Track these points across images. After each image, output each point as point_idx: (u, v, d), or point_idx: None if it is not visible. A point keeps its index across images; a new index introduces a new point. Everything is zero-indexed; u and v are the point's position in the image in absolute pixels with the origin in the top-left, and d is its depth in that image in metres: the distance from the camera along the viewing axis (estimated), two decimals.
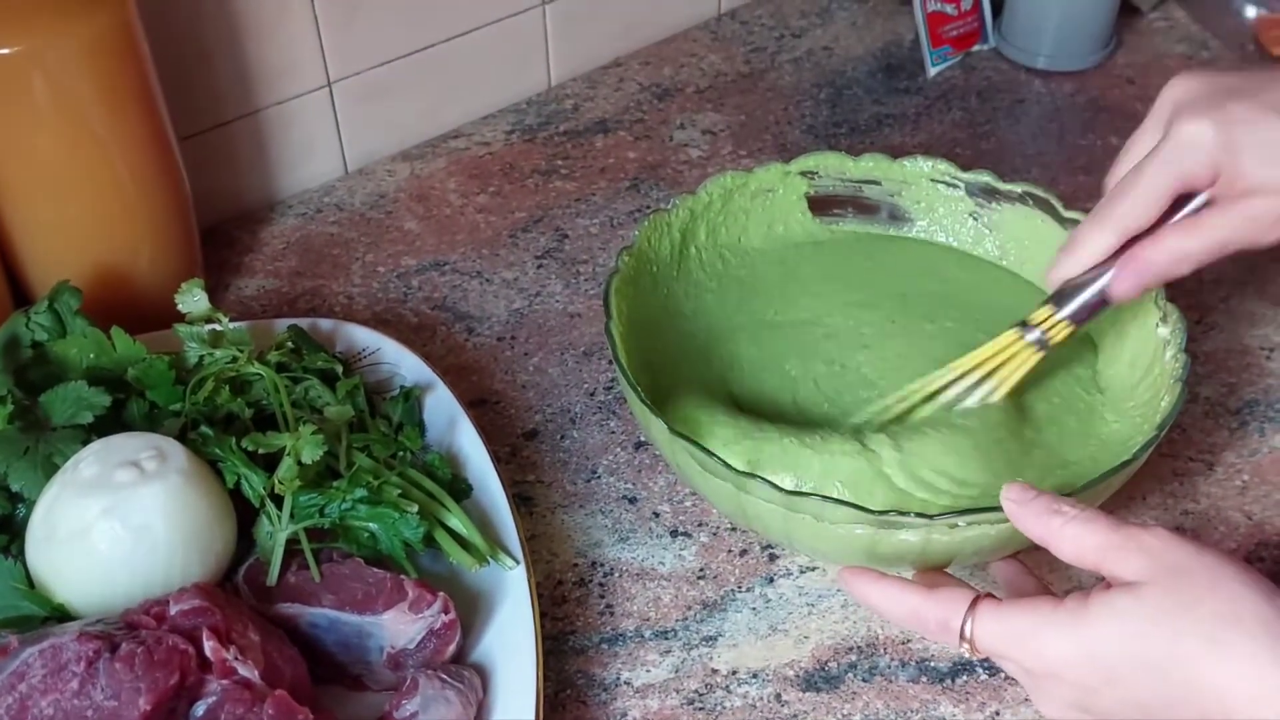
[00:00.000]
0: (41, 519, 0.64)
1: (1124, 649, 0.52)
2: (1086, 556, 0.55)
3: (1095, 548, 0.55)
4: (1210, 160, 0.63)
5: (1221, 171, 0.63)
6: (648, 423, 0.69)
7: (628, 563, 0.73)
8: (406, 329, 0.88)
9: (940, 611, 0.57)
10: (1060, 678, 0.54)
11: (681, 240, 0.82)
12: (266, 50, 0.92)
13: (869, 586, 0.61)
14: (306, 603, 0.64)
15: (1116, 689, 0.52)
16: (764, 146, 1.03)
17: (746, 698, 0.67)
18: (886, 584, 0.60)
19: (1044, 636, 0.54)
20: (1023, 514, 0.58)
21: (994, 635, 0.56)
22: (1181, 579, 0.52)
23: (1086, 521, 0.55)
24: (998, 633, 0.56)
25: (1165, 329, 0.73)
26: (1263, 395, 0.81)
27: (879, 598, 0.60)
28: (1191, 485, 0.76)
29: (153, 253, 0.83)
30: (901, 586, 0.60)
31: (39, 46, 0.73)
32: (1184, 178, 0.64)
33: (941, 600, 0.58)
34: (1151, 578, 0.52)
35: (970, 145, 1.02)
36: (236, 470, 0.67)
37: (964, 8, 1.10)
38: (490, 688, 0.64)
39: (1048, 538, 0.57)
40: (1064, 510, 0.56)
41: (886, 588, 0.60)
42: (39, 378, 0.71)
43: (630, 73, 1.11)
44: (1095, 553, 0.55)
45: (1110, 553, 0.54)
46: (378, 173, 1.02)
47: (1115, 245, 0.67)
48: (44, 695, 0.56)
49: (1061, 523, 0.56)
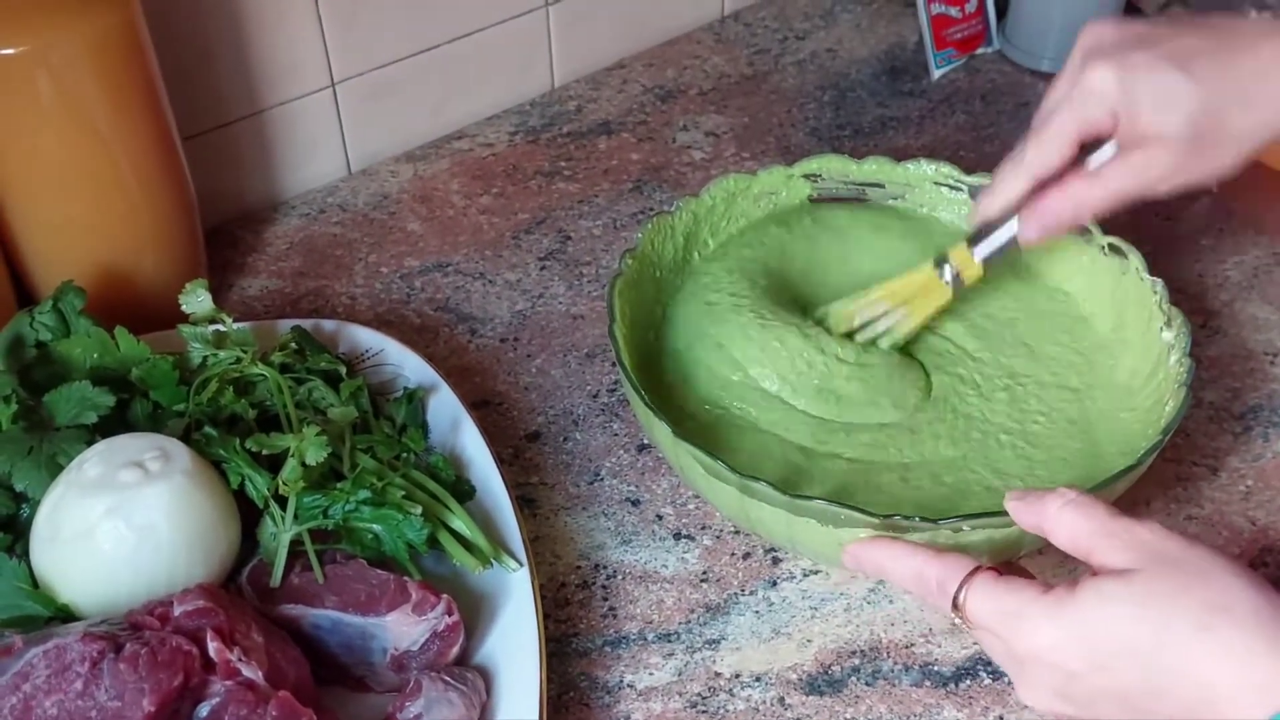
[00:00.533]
0: (46, 519, 0.64)
1: (1110, 633, 0.51)
2: (1080, 542, 0.55)
3: (1088, 533, 0.54)
4: (1111, 107, 0.65)
5: (1121, 119, 0.65)
6: (651, 425, 0.69)
7: (631, 565, 0.73)
8: (409, 330, 0.88)
9: (941, 573, 0.58)
10: (1043, 661, 0.53)
11: (685, 243, 0.82)
12: (270, 50, 0.92)
13: (876, 548, 0.61)
14: (310, 604, 0.64)
15: (1100, 675, 0.52)
16: (767, 149, 1.03)
17: (749, 701, 0.67)
18: (893, 544, 0.61)
19: (1031, 618, 0.53)
20: (1017, 505, 0.58)
21: (984, 609, 0.56)
22: (1172, 568, 0.52)
23: (1082, 507, 0.55)
24: (988, 608, 0.55)
25: (1170, 333, 0.73)
26: (1267, 400, 0.81)
27: (885, 556, 0.61)
28: (1195, 490, 0.76)
29: (156, 253, 0.83)
30: (909, 547, 0.60)
31: (44, 46, 0.73)
32: (1087, 123, 0.66)
33: (945, 563, 0.58)
34: (1142, 566, 0.52)
35: (974, 148, 1.02)
36: (240, 471, 0.67)
37: (968, 10, 1.10)
38: (493, 690, 0.64)
39: (1043, 523, 0.56)
40: (1063, 493, 0.56)
41: (893, 547, 0.61)
42: (43, 378, 0.71)
43: (634, 74, 1.11)
44: (1088, 538, 0.54)
45: (1103, 540, 0.54)
46: (381, 173, 1.02)
47: (1027, 189, 0.69)
48: (48, 695, 0.56)
49: (1060, 505, 0.56)
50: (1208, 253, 0.92)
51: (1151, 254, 0.77)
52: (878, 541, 0.62)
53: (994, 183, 0.70)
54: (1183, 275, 0.89)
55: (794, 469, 0.71)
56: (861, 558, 0.62)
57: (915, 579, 0.59)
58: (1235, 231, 0.93)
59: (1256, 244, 0.92)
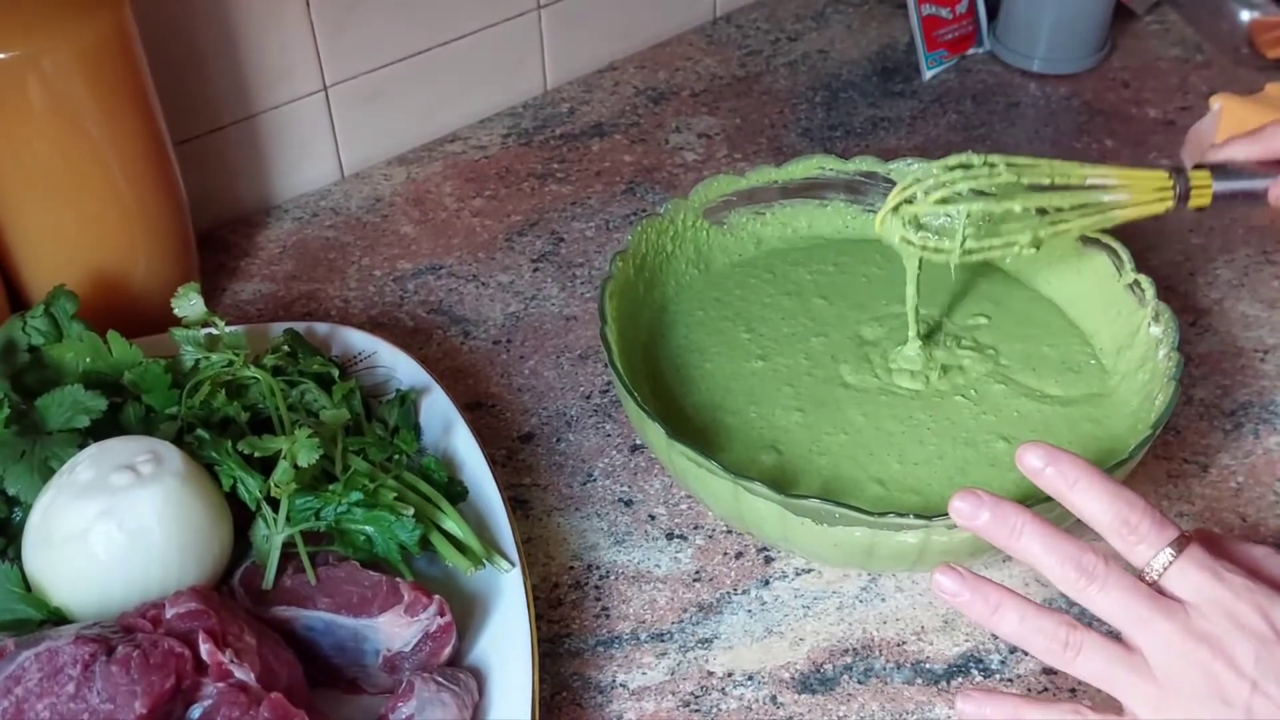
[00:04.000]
0: (38, 522, 0.64)
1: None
2: None
3: None
4: None
5: None
6: (645, 427, 0.69)
7: (623, 565, 0.73)
8: (403, 332, 0.88)
9: (1152, 518, 0.54)
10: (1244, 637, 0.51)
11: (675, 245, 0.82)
12: (262, 55, 0.92)
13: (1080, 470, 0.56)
14: (302, 606, 0.65)
15: None
16: (759, 149, 1.03)
17: (742, 700, 0.67)
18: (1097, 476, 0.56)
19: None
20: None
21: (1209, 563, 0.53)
22: None
23: None
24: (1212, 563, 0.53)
25: (1157, 328, 0.74)
26: (1257, 397, 0.81)
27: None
28: (1186, 487, 0.76)
29: (149, 257, 0.84)
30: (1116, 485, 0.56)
31: (35, 52, 0.73)
32: None
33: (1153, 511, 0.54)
34: None
35: (965, 148, 1.01)
36: (233, 473, 0.67)
37: (959, 11, 1.10)
38: (486, 690, 0.64)
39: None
40: None
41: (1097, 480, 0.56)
42: (35, 382, 0.71)
43: (626, 76, 1.11)
44: None
45: None
46: (374, 177, 1.02)
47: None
48: (40, 699, 0.56)
49: None
50: (1198, 251, 0.92)
51: (1141, 252, 0.77)
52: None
53: (1264, 132, 0.70)
54: (1172, 273, 0.90)
55: (782, 469, 0.72)
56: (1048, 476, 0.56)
57: (1117, 520, 0.54)
58: (1225, 229, 0.93)
59: (1246, 242, 0.92)
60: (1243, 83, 1.03)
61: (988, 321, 0.80)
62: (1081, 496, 0.55)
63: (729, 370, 0.78)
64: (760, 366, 0.78)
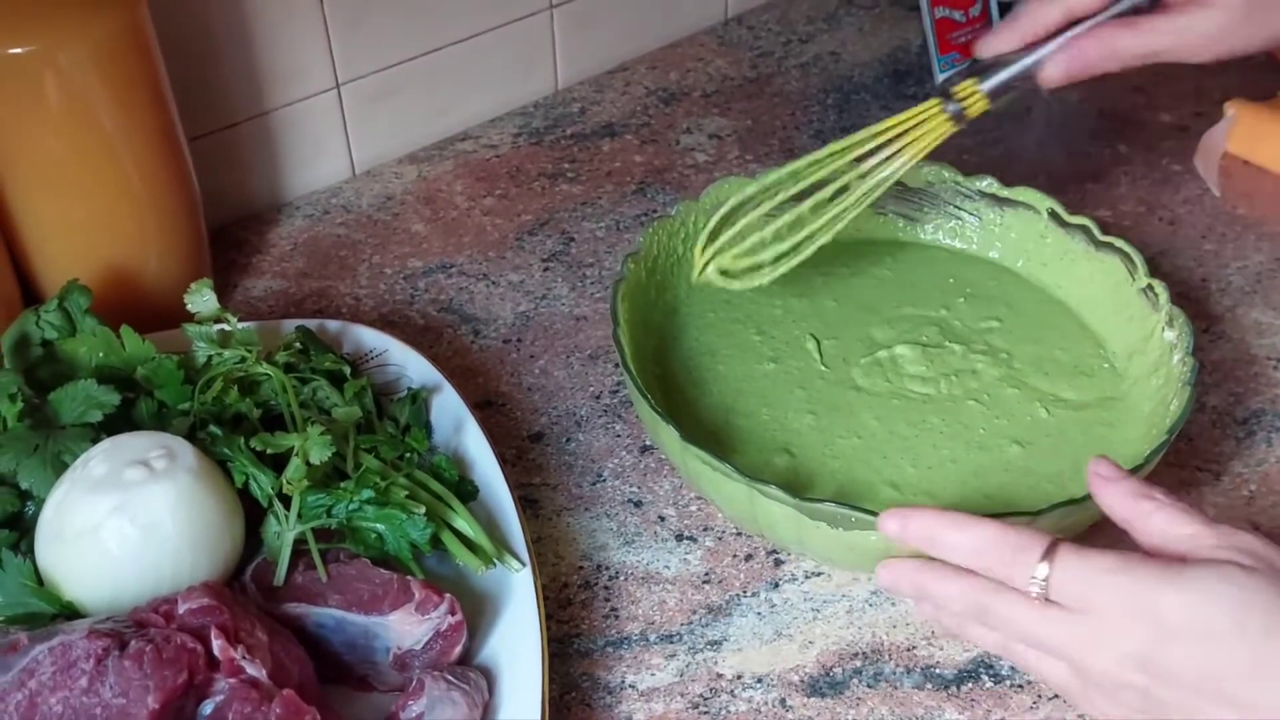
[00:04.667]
0: (51, 517, 0.64)
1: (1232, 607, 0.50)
2: (1172, 545, 0.54)
3: (1187, 536, 0.53)
4: None
5: None
6: (658, 430, 0.69)
7: (633, 566, 0.73)
8: (413, 331, 0.88)
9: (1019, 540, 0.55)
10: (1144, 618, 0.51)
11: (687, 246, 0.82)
12: (276, 52, 0.93)
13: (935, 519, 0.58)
14: (313, 603, 0.65)
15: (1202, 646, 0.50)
16: (771, 151, 1.03)
17: (751, 702, 0.67)
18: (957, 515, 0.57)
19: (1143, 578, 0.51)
20: (1110, 491, 0.57)
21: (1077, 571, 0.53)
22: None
23: (1179, 511, 0.54)
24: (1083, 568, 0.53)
25: (1171, 333, 0.73)
26: (1270, 405, 0.81)
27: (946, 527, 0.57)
28: (1199, 495, 0.76)
29: (162, 253, 0.84)
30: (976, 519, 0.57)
31: (51, 47, 0.73)
32: None
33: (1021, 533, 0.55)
34: (1256, 567, 0.51)
35: (977, 152, 1.02)
36: (245, 470, 0.67)
37: (972, 14, 1.10)
38: (495, 690, 0.64)
39: (1133, 519, 0.56)
40: (1155, 496, 0.56)
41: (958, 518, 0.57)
42: (49, 376, 0.71)
43: (637, 76, 1.11)
44: (1186, 541, 0.53)
45: (1204, 541, 0.53)
46: (385, 175, 1.02)
47: (1060, 23, 0.66)
48: (53, 692, 0.56)
49: (1152, 508, 0.55)
50: (1210, 257, 0.92)
51: (1152, 258, 0.77)
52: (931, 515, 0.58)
53: (1018, 14, 0.67)
54: (1185, 280, 0.90)
55: (796, 472, 0.72)
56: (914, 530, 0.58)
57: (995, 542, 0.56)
58: (1238, 236, 0.93)
59: (1259, 249, 0.92)
60: (1257, 89, 1.03)
61: (1000, 325, 0.80)
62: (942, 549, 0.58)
63: (741, 372, 0.78)
64: (772, 369, 0.78)
